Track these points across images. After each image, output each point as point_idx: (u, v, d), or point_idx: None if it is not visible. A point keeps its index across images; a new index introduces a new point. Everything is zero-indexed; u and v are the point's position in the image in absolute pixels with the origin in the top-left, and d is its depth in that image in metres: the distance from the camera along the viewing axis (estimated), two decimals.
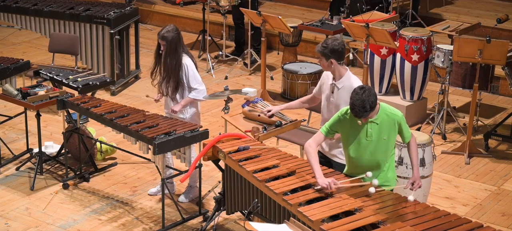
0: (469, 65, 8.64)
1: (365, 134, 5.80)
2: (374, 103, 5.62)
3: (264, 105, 7.38)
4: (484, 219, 7.27)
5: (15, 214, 7.36)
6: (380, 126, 5.79)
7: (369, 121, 5.78)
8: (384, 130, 5.80)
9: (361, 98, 5.56)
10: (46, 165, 8.23)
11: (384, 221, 5.31)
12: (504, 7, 12.11)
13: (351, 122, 5.82)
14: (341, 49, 6.25)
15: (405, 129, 5.89)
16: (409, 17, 11.35)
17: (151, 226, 7.17)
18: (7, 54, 10.97)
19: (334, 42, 6.25)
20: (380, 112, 5.78)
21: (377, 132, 5.79)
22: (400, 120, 5.83)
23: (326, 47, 6.23)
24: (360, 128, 5.80)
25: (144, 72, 10.95)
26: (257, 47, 11.04)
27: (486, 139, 8.79)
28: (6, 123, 8.87)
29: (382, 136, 5.80)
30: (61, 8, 10.35)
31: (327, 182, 5.67)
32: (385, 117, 5.79)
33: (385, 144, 5.83)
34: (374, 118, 5.77)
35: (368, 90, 5.60)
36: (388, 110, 5.82)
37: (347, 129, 5.87)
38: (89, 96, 7.92)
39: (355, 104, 5.58)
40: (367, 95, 5.57)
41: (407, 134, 5.92)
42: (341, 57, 6.28)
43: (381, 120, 5.78)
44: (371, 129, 5.78)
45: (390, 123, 5.81)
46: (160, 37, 7.22)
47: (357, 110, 5.60)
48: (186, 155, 6.92)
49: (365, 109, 5.58)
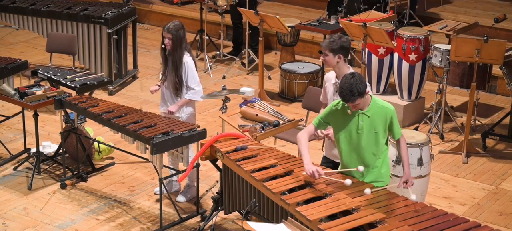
0: (466, 65, 8.64)
1: (357, 126, 5.81)
2: (363, 90, 5.63)
3: (262, 105, 7.39)
4: (481, 219, 7.27)
5: (13, 214, 7.35)
6: (372, 119, 5.80)
7: (360, 113, 5.79)
8: (376, 122, 5.81)
9: (349, 82, 5.60)
10: (43, 165, 8.22)
11: (381, 221, 5.31)
12: (502, 7, 12.12)
13: (342, 113, 5.85)
14: (348, 46, 6.31)
15: (396, 125, 5.90)
16: (407, 17, 11.36)
17: (149, 226, 7.16)
18: (4, 54, 10.95)
19: (342, 38, 6.28)
20: (372, 104, 5.80)
21: (368, 125, 5.80)
22: (392, 114, 5.84)
23: (334, 42, 6.25)
24: (352, 120, 5.82)
25: (141, 72, 10.95)
26: (254, 47, 11.04)
27: (483, 138, 8.79)
28: (4, 123, 8.87)
29: (373, 129, 5.82)
30: (59, 8, 10.34)
31: (312, 170, 5.71)
32: (376, 109, 5.81)
33: (376, 137, 5.84)
34: (366, 110, 5.79)
35: (358, 77, 5.64)
36: (380, 103, 5.85)
37: (338, 120, 5.89)
38: (87, 96, 7.92)
39: (343, 88, 5.62)
40: (355, 81, 5.60)
41: (398, 130, 5.92)
42: (347, 54, 6.34)
43: (373, 113, 5.80)
44: (363, 121, 5.80)
45: (381, 116, 5.82)
46: (165, 30, 7.23)
47: (345, 94, 5.62)
48: (184, 155, 6.92)
49: (353, 93, 5.59)
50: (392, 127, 5.88)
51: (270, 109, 7.38)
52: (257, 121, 7.19)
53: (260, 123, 7.07)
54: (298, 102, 9.68)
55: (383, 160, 5.95)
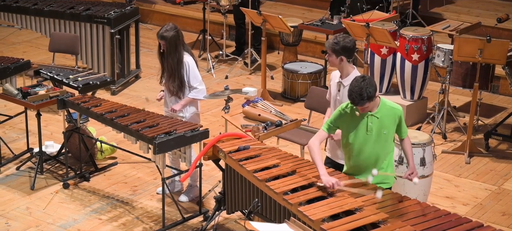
0: (469, 65, 8.64)
1: (366, 128, 5.80)
2: (372, 94, 5.62)
3: (264, 105, 7.39)
4: (484, 219, 7.27)
5: (16, 214, 7.36)
6: (381, 120, 5.79)
7: (369, 115, 5.78)
8: (385, 124, 5.81)
9: (359, 86, 5.58)
10: (46, 165, 8.23)
11: (384, 221, 5.31)
12: (504, 7, 12.11)
13: (351, 116, 5.83)
14: (352, 47, 6.29)
15: (404, 124, 5.92)
16: (410, 17, 11.35)
17: (152, 226, 7.17)
18: (7, 53, 10.99)
19: (346, 39, 6.27)
20: (381, 106, 5.79)
21: (377, 126, 5.80)
22: (401, 114, 5.86)
23: (337, 43, 6.24)
24: (361, 122, 5.81)
25: (144, 72, 10.95)
26: (257, 47, 11.04)
27: (486, 138, 8.79)
28: (7, 123, 8.87)
29: (383, 131, 5.81)
30: (62, 7, 10.35)
31: (332, 182, 5.66)
32: (386, 111, 5.80)
33: (385, 138, 5.84)
34: (375, 111, 5.78)
35: (369, 80, 5.62)
36: (389, 104, 5.84)
37: (347, 123, 5.87)
38: (90, 96, 7.92)
39: (353, 91, 5.61)
40: (366, 84, 5.58)
41: (405, 129, 5.95)
42: (351, 55, 6.33)
43: (382, 114, 5.79)
44: (372, 122, 5.79)
45: (390, 117, 5.82)
46: (159, 36, 7.22)
47: (354, 97, 5.61)
48: (187, 155, 6.92)
49: (362, 97, 5.58)
50: (400, 127, 5.90)
51: (273, 109, 7.38)
52: (260, 120, 7.19)
53: (263, 122, 7.07)
54: (301, 102, 9.68)
55: (389, 162, 5.95)
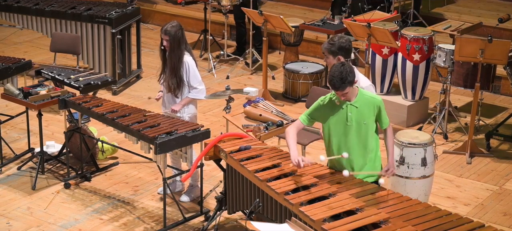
0: (470, 65, 8.63)
1: (345, 118, 5.86)
2: (352, 79, 5.71)
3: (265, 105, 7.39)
4: (485, 219, 7.26)
5: (17, 214, 7.36)
6: (360, 110, 5.86)
7: (348, 104, 5.84)
8: (364, 114, 5.87)
9: (340, 70, 5.67)
10: (47, 165, 8.23)
11: (385, 221, 5.31)
12: (506, 7, 12.10)
13: (330, 108, 5.91)
14: (348, 46, 6.32)
15: (384, 114, 5.97)
16: (411, 17, 11.35)
17: (153, 226, 7.17)
18: (8, 53, 10.99)
19: (341, 39, 6.31)
20: (359, 96, 5.87)
21: (357, 116, 5.86)
22: (380, 104, 5.92)
23: (333, 44, 6.29)
24: (340, 112, 5.86)
25: (145, 72, 10.95)
26: (258, 47, 11.04)
27: (487, 138, 8.78)
28: (8, 122, 8.87)
29: (362, 121, 5.87)
30: (63, 7, 10.35)
31: (297, 159, 5.83)
32: (364, 100, 5.88)
33: (366, 129, 5.88)
34: (353, 101, 5.84)
35: (348, 66, 5.72)
36: (368, 94, 5.93)
37: (326, 115, 5.95)
38: (91, 96, 7.92)
39: (334, 76, 5.68)
40: (345, 69, 5.68)
41: (385, 119, 5.99)
42: (348, 55, 6.35)
43: (361, 104, 5.86)
44: (351, 112, 5.85)
45: (369, 107, 5.88)
46: (163, 31, 7.22)
47: (335, 82, 5.68)
48: (188, 155, 6.92)
49: (343, 80, 5.66)
50: (380, 116, 5.95)
51: (274, 109, 7.38)
52: (261, 120, 7.19)
53: (264, 122, 7.08)
54: (302, 102, 9.68)
55: (375, 155, 5.99)
